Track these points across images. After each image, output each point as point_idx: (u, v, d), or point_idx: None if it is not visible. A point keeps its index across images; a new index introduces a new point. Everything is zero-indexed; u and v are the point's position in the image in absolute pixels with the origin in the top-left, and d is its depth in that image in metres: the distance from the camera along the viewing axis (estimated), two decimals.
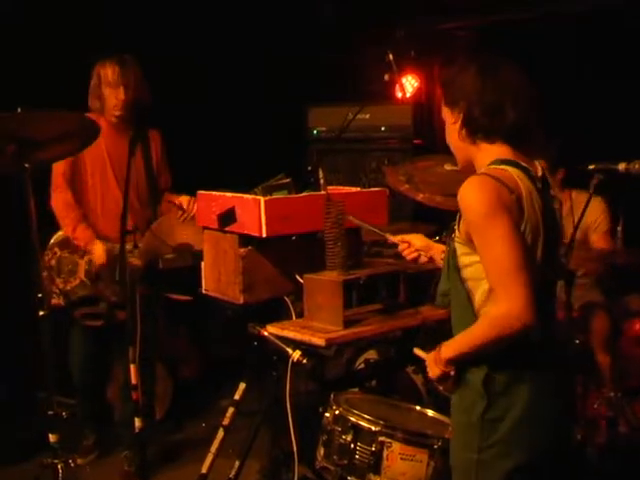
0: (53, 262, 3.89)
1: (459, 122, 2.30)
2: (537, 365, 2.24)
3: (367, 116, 5.57)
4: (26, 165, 2.91)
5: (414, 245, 2.85)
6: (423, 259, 2.84)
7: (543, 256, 2.21)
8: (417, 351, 2.48)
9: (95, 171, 3.90)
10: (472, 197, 2.16)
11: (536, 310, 2.11)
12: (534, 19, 5.63)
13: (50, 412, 2.91)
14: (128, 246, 3.33)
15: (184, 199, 3.81)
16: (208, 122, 5.46)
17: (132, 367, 3.18)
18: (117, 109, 3.84)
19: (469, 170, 2.33)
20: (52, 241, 3.94)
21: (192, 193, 3.31)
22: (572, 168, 4.25)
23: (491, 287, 2.18)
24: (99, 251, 3.79)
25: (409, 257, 2.85)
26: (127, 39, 4.45)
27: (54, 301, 3.85)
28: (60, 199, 3.85)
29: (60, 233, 3.93)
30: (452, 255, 2.31)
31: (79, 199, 3.90)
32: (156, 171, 4.02)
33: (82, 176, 3.90)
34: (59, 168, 3.82)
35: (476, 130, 2.28)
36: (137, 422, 3.26)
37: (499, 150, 2.27)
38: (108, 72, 3.82)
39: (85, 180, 3.90)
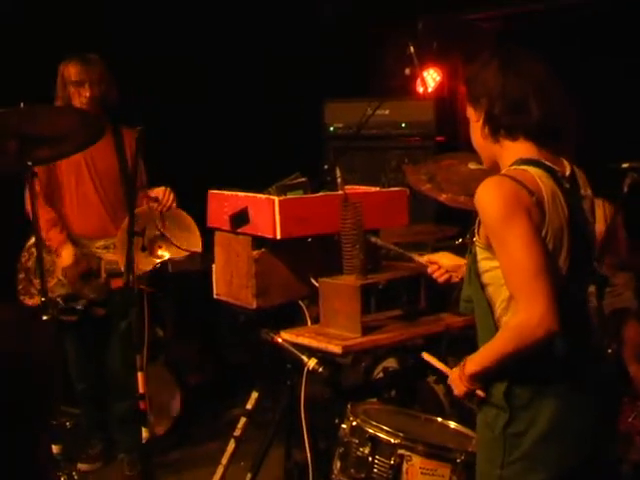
0: (30, 263, 4.02)
1: (481, 120, 2.30)
2: (564, 378, 2.22)
3: (387, 112, 5.54)
4: (29, 163, 2.93)
5: (443, 265, 2.80)
6: (455, 279, 2.78)
7: (570, 261, 2.20)
8: (426, 356, 2.47)
9: (70, 170, 4.00)
10: (489, 199, 2.16)
11: (559, 317, 2.09)
12: (562, 9, 5.60)
13: (54, 422, 2.92)
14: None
15: (159, 190, 3.84)
16: (218, 120, 5.50)
17: (140, 375, 3.18)
18: (83, 105, 3.91)
19: (495, 170, 2.32)
20: (29, 242, 4.04)
21: (203, 194, 3.31)
22: (598, 167, 4.20)
23: (510, 294, 2.17)
24: (67, 255, 3.93)
25: (441, 279, 2.80)
26: (127, 39, 4.50)
27: (32, 301, 3.96)
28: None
29: None
30: (473, 260, 2.30)
31: (54, 199, 4.01)
32: (131, 169, 4.06)
33: (56, 175, 4.00)
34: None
35: (498, 127, 2.27)
36: (144, 432, 3.25)
37: (523, 148, 2.25)
38: (71, 71, 3.93)
39: (59, 179, 4.01)
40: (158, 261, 3.52)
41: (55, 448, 2.93)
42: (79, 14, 4.85)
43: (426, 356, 2.48)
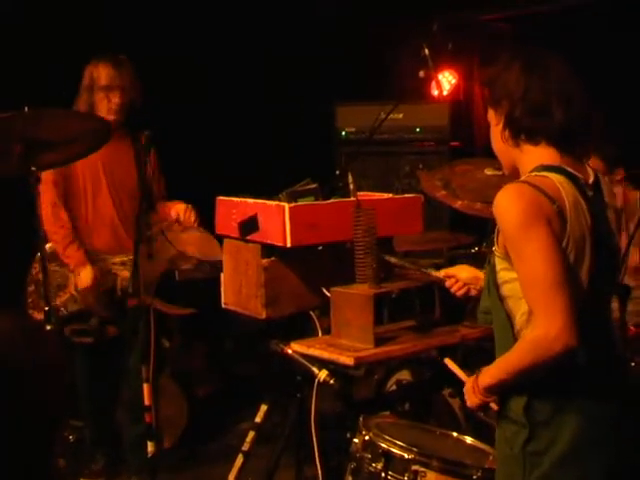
0: (41, 275, 3.95)
1: (502, 123, 2.29)
2: (586, 393, 2.20)
3: (400, 116, 5.55)
4: (33, 168, 2.94)
5: (461, 279, 2.79)
6: (473, 292, 2.77)
7: (592, 272, 2.18)
8: (448, 362, 2.46)
9: (87, 179, 3.91)
10: (507, 207, 2.14)
11: (578, 331, 2.08)
12: (583, 7, 5.58)
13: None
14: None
15: (180, 208, 3.81)
16: (223, 124, 5.53)
17: (145, 387, 3.19)
18: (112, 113, 3.82)
19: (515, 176, 2.31)
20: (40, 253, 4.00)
21: (211, 200, 3.31)
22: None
23: (528, 307, 2.16)
24: (86, 276, 3.82)
25: (459, 293, 2.80)
26: (127, 39, 4.53)
27: (41, 315, 3.90)
28: (50, 210, 3.82)
29: (49, 245, 3.94)
30: (491, 270, 2.29)
31: (69, 208, 3.91)
32: (151, 180, 4.03)
33: (73, 184, 3.90)
34: (49, 174, 3.78)
35: (519, 131, 2.26)
36: (149, 446, 3.26)
37: (544, 153, 2.24)
38: (102, 74, 3.82)
39: (76, 188, 3.91)
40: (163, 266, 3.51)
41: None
42: (79, 14, 4.88)
43: (448, 362, 2.47)
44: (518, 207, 2.12)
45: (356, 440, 2.96)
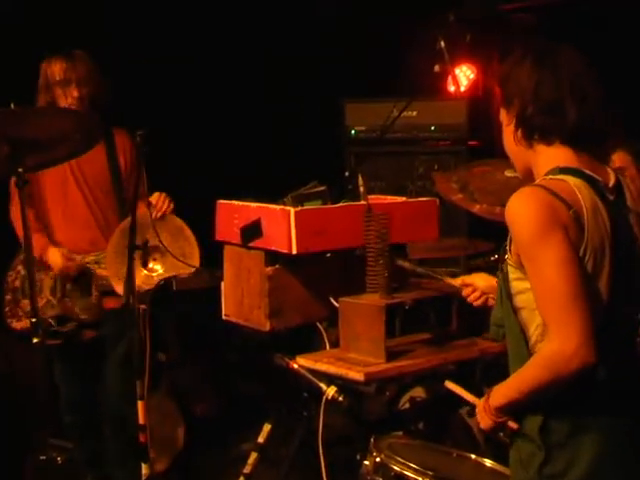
0: (17, 283, 4.04)
1: (513, 122, 2.30)
2: (607, 411, 2.19)
3: (414, 113, 5.55)
4: (20, 170, 2.95)
5: (479, 287, 2.80)
6: (492, 302, 2.78)
7: (612, 282, 2.17)
8: (449, 385, 2.47)
9: (54, 178, 3.98)
10: (520, 213, 2.14)
11: (597, 347, 2.07)
12: None
13: (42, 457, 2.92)
14: None
15: (154, 195, 3.84)
16: (225, 124, 5.56)
17: (140, 404, 3.20)
18: (72, 108, 3.88)
19: (530, 179, 2.31)
20: (16, 260, 4.07)
21: (211, 203, 3.32)
22: None
23: (543, 320, 2.15)
24: (54, 256, 3.92)
25: (476, 303, 2.81)
26: (127, 39, 4.56)
27: (20, 324, 3.96)
28: (15, 210, 3.90)
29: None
30: (504, 279, 2.29)
31: (37, 208, 3.99)
32: (125, 176, 4.06)
33: (39, 182, 3.98)
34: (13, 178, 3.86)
35: (532, 131, 2.27)
36: (143, 469, 3.26)
37: (559, 154, 2.24)
38: (55, 69, 3.91)
39: (43, 187, 4.00)
40: (156, 276, 3.52)
41: None
42: (79, 14, 4.98)
43: (449, 385, 2.47)
44: (531, 213, 2.12)
45: (367, 462, 2.97)
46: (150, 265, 3.59)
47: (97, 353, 4.04)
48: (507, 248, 2.28)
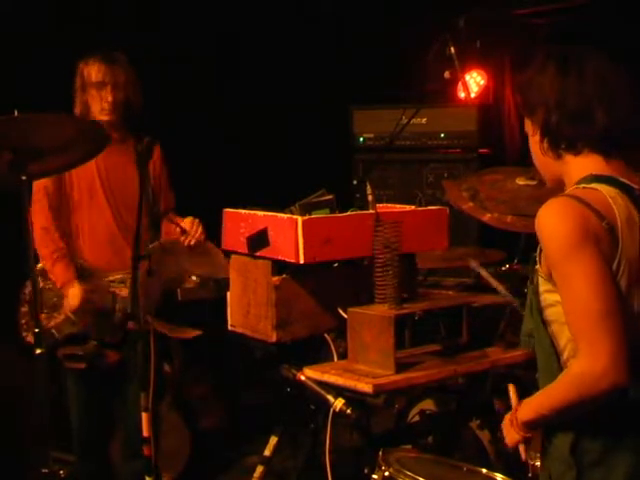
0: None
1: (538, 133, 2.26)
2: None
3: (423, 120, 5.57)
4: (23, 177, 2.96)
5: None
6: None
7: None
8: (512, 388, 2.44)
9: (82, 187, 3.88)
10: (551, 225, 2.10)
11: (627, 368, 2.03)
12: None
13: (45, 470, 2.92)
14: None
15: (187, 221, 3.81)
16: (231, 131, 5.58)
17: (144, 416, 3.19)
18: (104, 113, 3.81)
19: (558, 189, 2.27)
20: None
21: (218, 211, 3.33)
22: None
23: (572, 337, 2.12)
24: (73, 295, 3.77)
25: None
26: (128, 40, 4.58)
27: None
28: (39, 223, 3.82)
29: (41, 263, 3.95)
30: (534, 291, 2.25)
31: (62, 220, 3.88)
32: (154, 188, 4.02)
33: (67, 193, 3.87)
34: (40, 182, 3.77)
35: (558, 140, 2.22)
36: None
37: (589, 162, 2.20)
38: (92, 71, 3.82)
39: (70, 198, 3.88)
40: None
41: None
42: (79, 14, 5.00)
43: (512, 388, 2.46)
44: (561, 225, 2.08)
45: (375, 476, 2.96)
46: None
47: (115, 374, 3.89)
48: (537, 259, 2.23)
